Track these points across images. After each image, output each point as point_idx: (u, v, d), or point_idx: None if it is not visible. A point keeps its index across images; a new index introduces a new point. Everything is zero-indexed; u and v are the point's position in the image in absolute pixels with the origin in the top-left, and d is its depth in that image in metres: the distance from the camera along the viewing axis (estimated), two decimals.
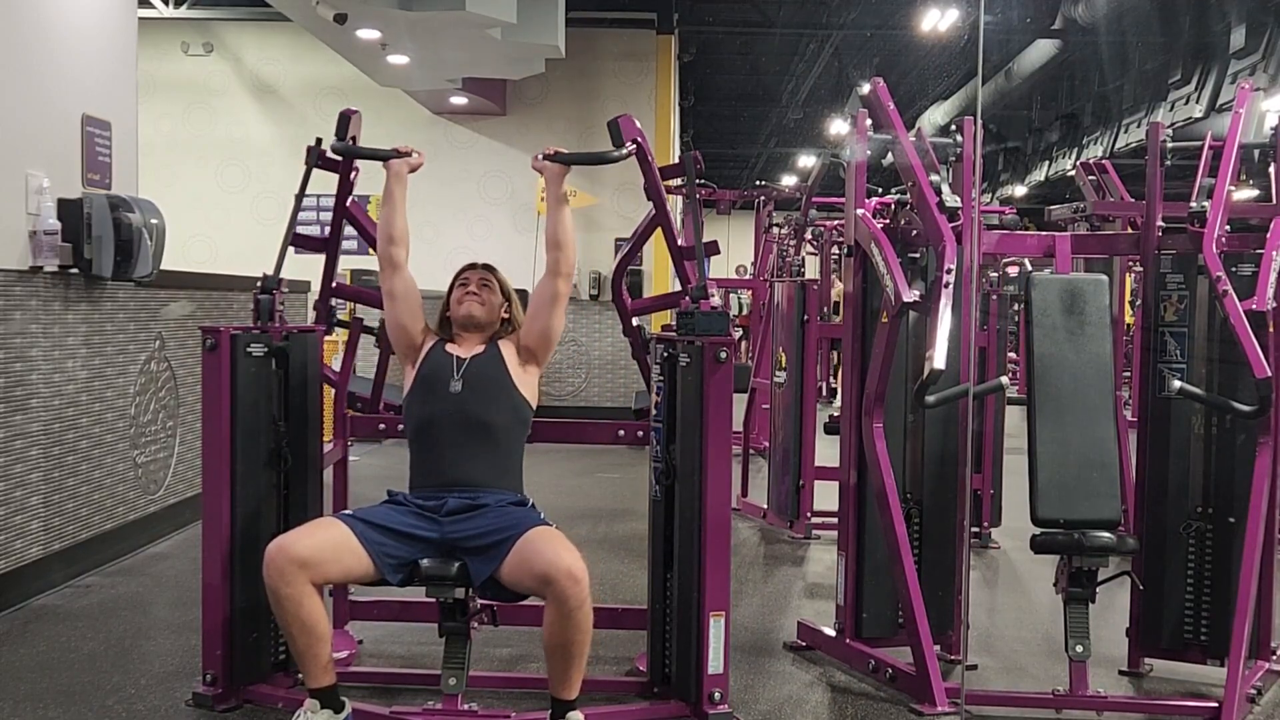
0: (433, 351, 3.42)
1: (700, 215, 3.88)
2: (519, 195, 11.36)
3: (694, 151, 4.11)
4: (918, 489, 3.88)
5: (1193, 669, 3.72)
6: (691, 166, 3.84)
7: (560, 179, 3.48)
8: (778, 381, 6.33)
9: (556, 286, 3.41)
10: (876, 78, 3.86)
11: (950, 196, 3.59)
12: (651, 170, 3.70)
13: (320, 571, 2.98)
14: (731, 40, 15.23)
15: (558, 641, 2.96)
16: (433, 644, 3.35)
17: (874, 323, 3.79)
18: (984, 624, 4.37)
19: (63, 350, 4.65)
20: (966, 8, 11.30)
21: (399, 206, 3.50)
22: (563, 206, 3.47)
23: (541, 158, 3.48)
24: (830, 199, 9.82)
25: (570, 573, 2.90)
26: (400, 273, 3.47)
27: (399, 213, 3.49)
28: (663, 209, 3.80)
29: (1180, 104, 11.77)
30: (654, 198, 3.78)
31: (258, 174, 11.42)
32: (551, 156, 3.47)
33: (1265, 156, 3.74)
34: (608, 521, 6.08)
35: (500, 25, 7.83)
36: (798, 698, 3.57)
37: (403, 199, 3.51)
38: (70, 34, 4.91)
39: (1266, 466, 3.50)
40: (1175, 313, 3.71)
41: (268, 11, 8.88)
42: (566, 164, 3.48)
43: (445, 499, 3.15)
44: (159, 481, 5.49)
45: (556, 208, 3.46)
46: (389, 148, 3.57)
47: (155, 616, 4.33)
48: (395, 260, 3.47)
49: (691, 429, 3.27)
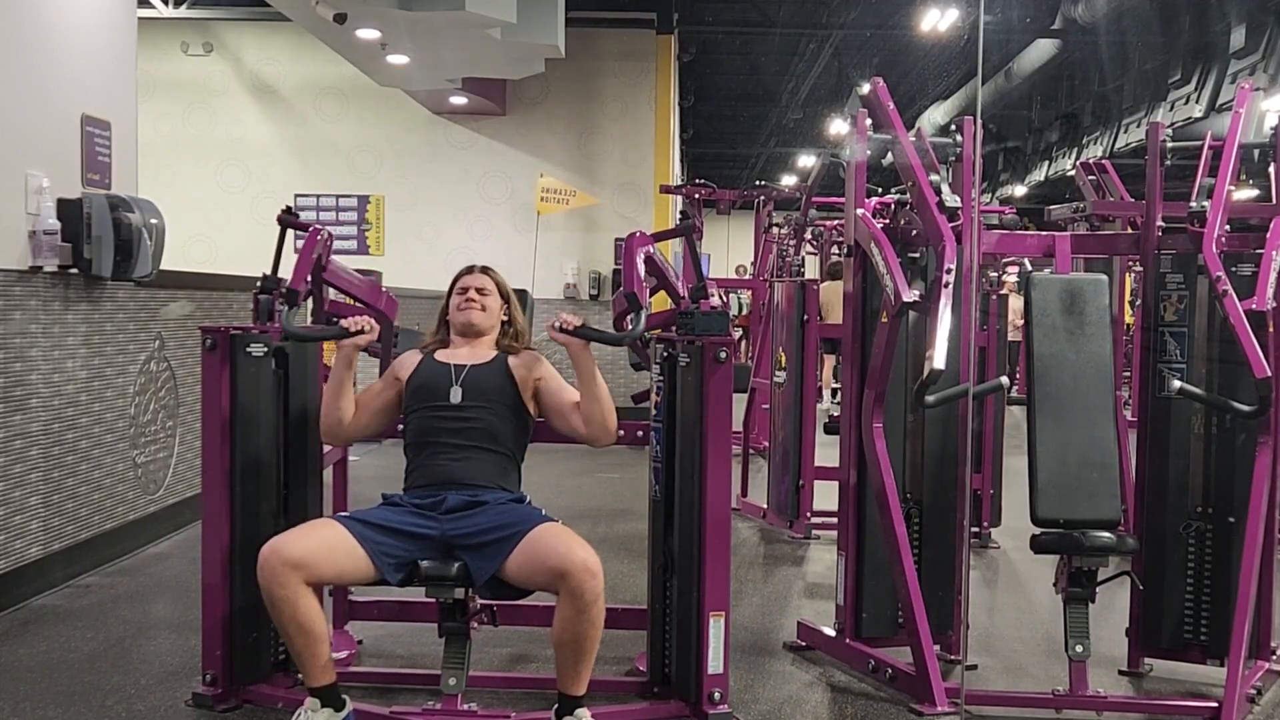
0: (422, 365, 3.39)
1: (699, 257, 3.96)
2: (519, 195, 11.36)
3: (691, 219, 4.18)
4: (918, 489, 3.88)
5: (1193, 669, 3.72)
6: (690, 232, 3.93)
7: (585, 352, 3.27)
8: (777, 381, 6.33)
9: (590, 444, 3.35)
10: (876, 78, 3.86)
11: (950, 196, 3.59)
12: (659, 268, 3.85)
13: (315, 572, 2.97)
14: (731, 40, 15.23)
15: (570, 637, 2.96)
16: (433, 644, 3.34)
17: (874, 323, 3.79)
18: (984, 624, 4.37)
19: (63, 350, 4.65)
20: (966, 8, 11.30)
21: (347, 391, 3.36)
22: (595, 379, 3.27)
23: (558, 329, 3.26)
24: (830, 199, 9.82)
25: (587, 566, 2.90)
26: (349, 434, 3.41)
27: (347, 398, 3.35)
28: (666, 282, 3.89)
29: (1180, 104, 11.77)
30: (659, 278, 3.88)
31: (258, 174, 11.43)
32: (571, 332, 3.25)
33: (1265, 156, 3.73)
34: (608, 521, 6.09)
35: (500, 25, 7.83)
36: (798, 698, 3.57)
37: (350, 381, 3.37)
38: (70, 34, 4.91)
39: (1266, 466, 3.50)
40: (1175, 313, 3.71)
41: (268, 11, 8.88)
42: (587, 340, 3.27)
43: (444, 496, 3.15)
44: (159, 481, 5.49)
45: (590, 379, 3.26)
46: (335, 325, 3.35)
47: (155, 616, 4.33)
48: (341, 437, 3.43)
49: (691, 429, 3.27)
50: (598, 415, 3.28)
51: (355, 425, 3.40)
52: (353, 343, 3.28)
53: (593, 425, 3.29)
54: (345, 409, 3.35)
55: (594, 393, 3.27)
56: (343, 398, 3.35)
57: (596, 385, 3.27)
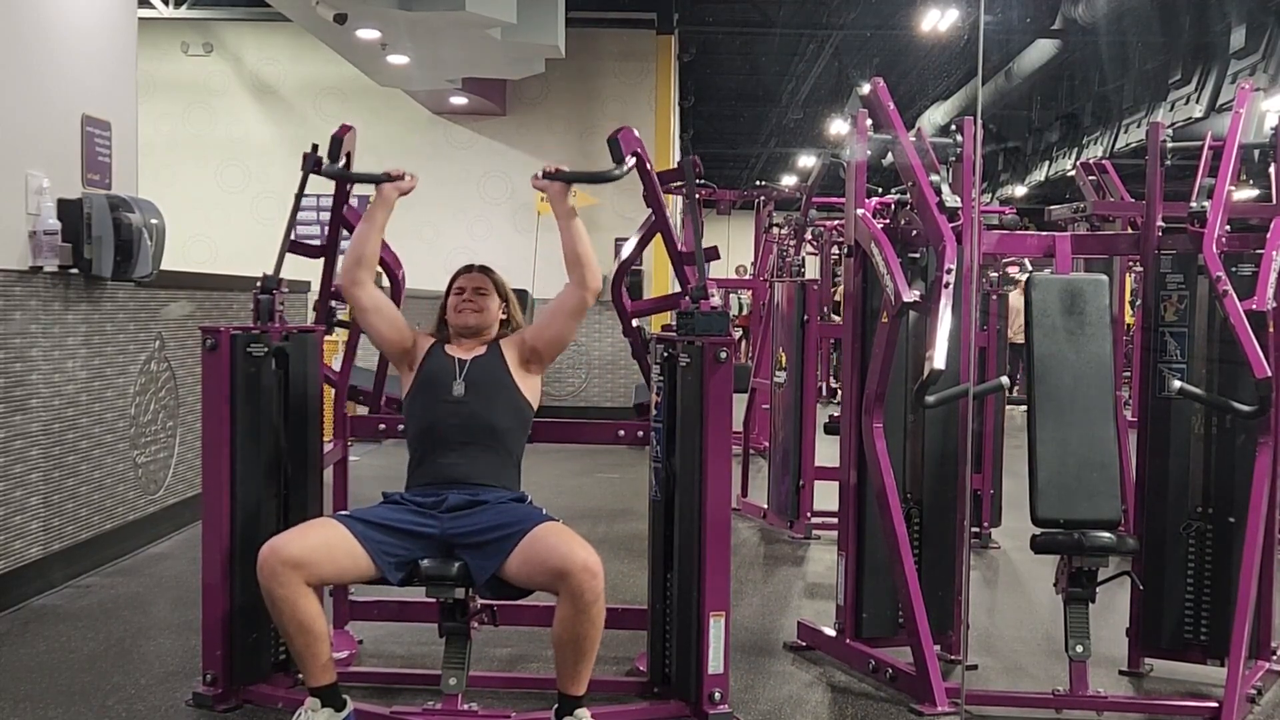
0: (432, 353, 3.42)
1: (700, 218, 3.86)
2: (519, 195, 11.36)
3: (692, 156, 4.09)
4: (918, 489, 3.88)
5: (1193, 669, 3.72)
6: (691, 171, 3.83)
7: (564, 196, 3.41)
8: (778, 381, 6.33)
9: (584, 299, 3.38)
10: (876, 78, 3.86)
11: (950, 196, 3.59)
12: (651, 179, 3.70)
13: (314, 572, 2.97)
14: (731, 40, 15.23)
15: (570, 636, 2.96)
16: (433, 644, 3.35)
17: (874, 323, 3.79)
18: (984, 624, 4.37)
19: (63, 350, 4.65)
20: (966, 8, 11.29)
21: (378, 230, 3.46)
22: (573, 220, 3.39)
23: (541, 175, 3.41)
24: (830, 199, 9.81)
25: (587, 566, 2.91)
26: (364, 288, 3.44)
27: (375, 236, 3.45)
28: (662, 216, 3.79)
29: (1180, 104, 11.76)
30: (653, 205, 3.78)
31: (258, 174, 11.43)
32: (552, 175, 3.40)
33: (1265, 156, 3.74)
34: (608, 521, 6.09)
35: (500, 25, 7.83)
36: (798, 698, 3.57)
37: (384, 223, 3.48)
38: (70, 34, 4.91)
39: (1266, 466, 3.49)
40: (1175, 313, 3.71)
41: (268, 11, 8.88)
42: (567, 182, 3.41)
43: (445, 495, 3.15)
44: (159, 481, 5.49)
45: (567, 223, 3.39)
46: (381, 171, 3.49)
47: (155, 616, 4.33)
48: (358, 280, 3.43)
49: (691, 429, 3.27)
50: (580, 252, 3.35)
51: (369, 293, 3.43)
52: (395, 186, 3.43)
53: (576, 266, 3.35)
54: (372, 252, 3.43)
55: (574, 230, 3.36)
56: (372, 237, 3.43)
57: (575, 223, 3.38)
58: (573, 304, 3.39)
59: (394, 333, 3.45)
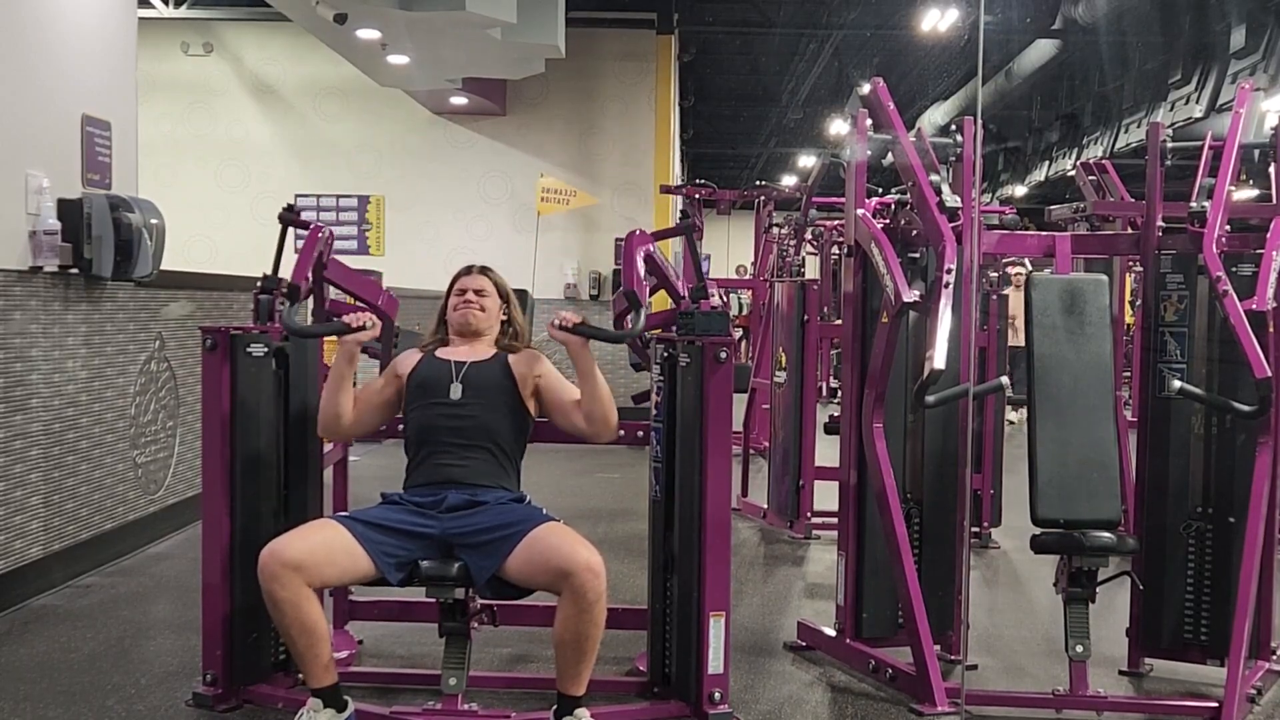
0: (422, 365, 3.39)
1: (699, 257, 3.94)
2: (519, 195, 11.36)
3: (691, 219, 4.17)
4: (918, 489, 3.88)
5: (1193, 669, 3.72)
6: (690, 231, 3.92)
7: (585, 350, 3.26)
8: (778, 381, 6.33)
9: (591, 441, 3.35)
10: (876, 78, 3.86)
11: (950, 196, 3.59)
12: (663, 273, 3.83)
13: (315, 574, 2.97)
14: (731, 40, 15.22)
15: (571, 636, 2.96)
16: (433, 644, 3.34)
17: (874, 323, 3.79)
18: (984, 624, 4.37)
19: (63, 350, 4.65)
20: (966, 8, 11.29)
21: (346, 387, 3.36)
22: (594, 376, 3.26)
23: (558, 327, 3.25)
24: (830, 199, 9.81)
25: (590, 566, 2.91)
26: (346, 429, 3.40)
27: (345, 391, 3.34)
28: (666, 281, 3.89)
29: (1180, 104, 11.75)
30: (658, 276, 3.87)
31: (258, 174, 11.43)
32: (570, 329, 3.24)
33: (1265, 156, 3.74)
34: (608, 521, 6.09)
35: (500, 25, 7.83)
36: (798, 698, 3.57)
37: (350, 377, 3.37)
38: (70, 34, 4.91)
39: (1266, 466, 3.49)
40: (1175, 313, 3.71)
41: (268, 11, 8.88)
42: (587, 338, 3.26)
43: (444, 495, 3.15)
44: (159, 481, 5.49)
45: (588, 377, 3.26)
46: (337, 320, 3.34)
47: (155, 616, 4.33)
48: (338, 432, 3.43)
49: (691, 429, 3.27)
50: (599, 413, 3.27)
51: (354, 421, 3.40)
52: (355, 338, 3.28)
53: (594, 423, 3.29)
54: (344, 405, 3.35)
55: (594, 390, 3.27)
56: (342, 394, 3.34)
57: (596, 382, 3.27)
58: (580, 435, 3.35)
59: (386, 407, 3.43)
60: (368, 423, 3.44)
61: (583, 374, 3.27)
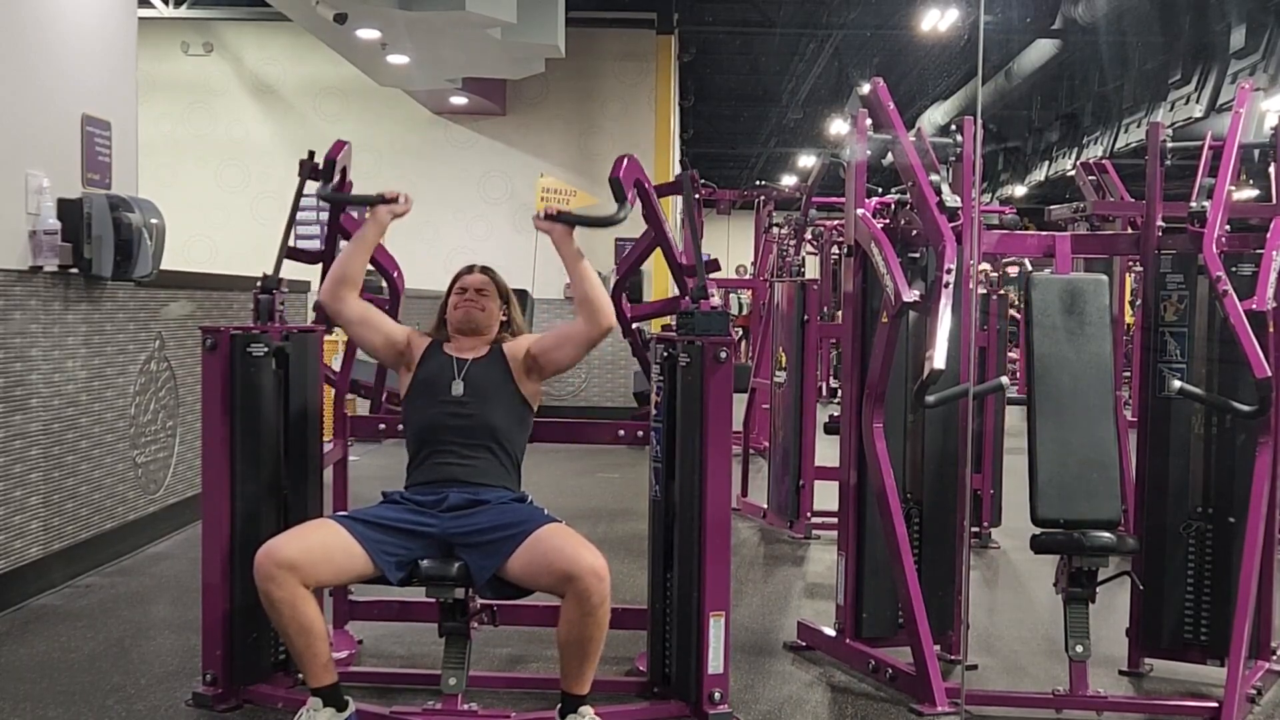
0: (429, 353, 3.41)
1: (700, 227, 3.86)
2: (519, 195, 11.36)
3: (691, 171, 4.09)
4: (918, 489, 3.88)
5: (1193, 669, 3.72)
6: (689, 184, 3.85)
7: (568, 239, 3.37)
8: (778, 381, 6.33)
9: (594, 336, 3.36)
10: (876, 78, 3.86)
11: (950, 196, 3.59)
12: (650, 200, 3.70)
13: (311, 574, 2.97)
14: (731, 40, 15.23)
15: (575, 638, 2.97)
16: (433, 644, 3.35)
17: (874, 323, 3.79)
18: (984, 624, 4.37)
19: (63, 350, 4.65)
20: (966, 8, 11.30)
21: (367, 250, 3.45)
22: (580, 262, 3.36)
23: (544, 218, 3.37)
24: (830, 199, 9.82)
25: (594, 570, 2.91)
26: (347, 303, 3.42)
27: (363, 255, 3.44)
28: (661, 232, 3.80)
29: (1180, 104, 11.76)
30: (652, 223, 3.78)
31: (258, 174, 11.42)
32: (554, 217, 3.36)
33: (1265, 156, 3.74)
34: (608, 521, 6.09)
35: (500, 25, 7.83)
36: (798, 698, 3.57)
37: (375, 243, 3.47)
38: (70, 34, 4.91)
39: (1266, 466, 3.49)
40: (1175, 313, 3.71)
41: (268, 11, 8.88)
42: (570, 225, 3.37)
43: (445, 494, 3.15)
44: (159, 481, 5.49)
45: (575, 265, 3.35)
46: (376, 193, 3.45)
47: (155, 616, 4.33)
48: (340, 297, 3.43)
49: (691, 429, 3.27)
50: (590, 295, 3.31)
51: (357, 311, 3.42)
52: (390, 209, 3.38)
53: (587, 307, 3.32)
54: (357, 272, 3.40)
55: (582, 272, 3.33)
56: (359, 257, 3.40)
57: (582, 266, 3.34)
58: (583, 338, 3.37)
59: (384, 339, 3.45)
60: (363, 325, 3.44)
61: (568, 260, 3.35)
